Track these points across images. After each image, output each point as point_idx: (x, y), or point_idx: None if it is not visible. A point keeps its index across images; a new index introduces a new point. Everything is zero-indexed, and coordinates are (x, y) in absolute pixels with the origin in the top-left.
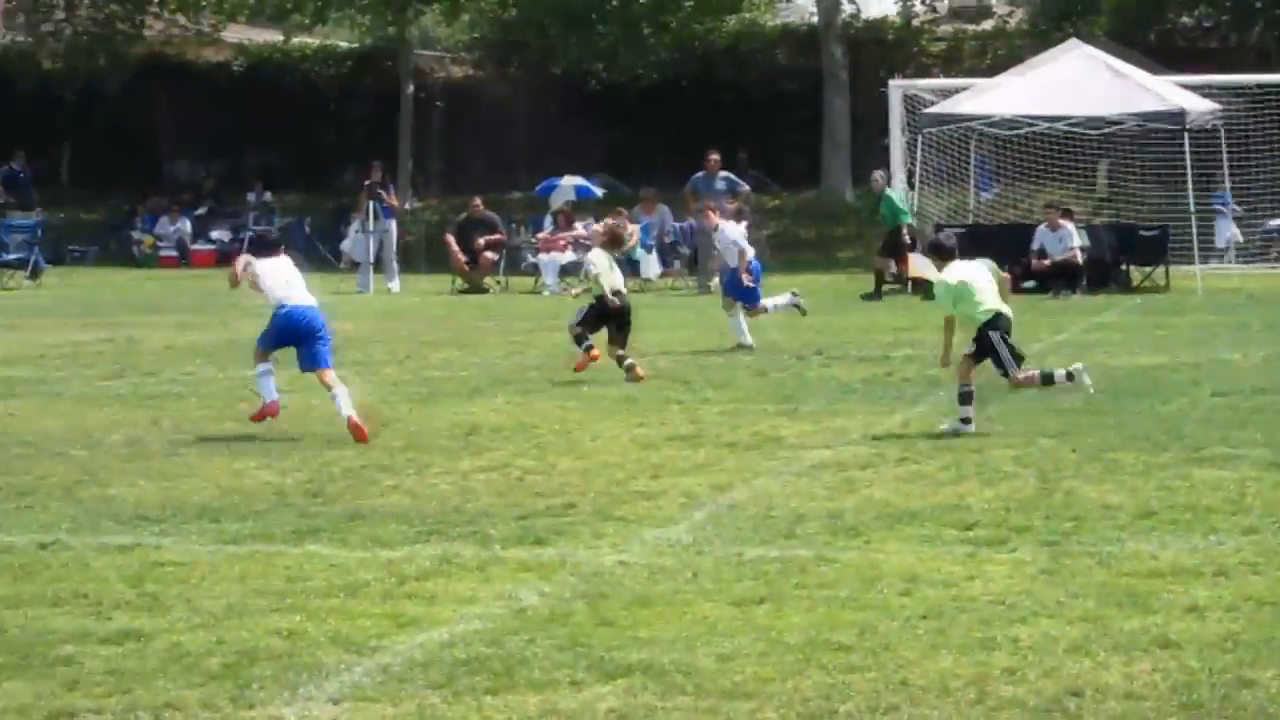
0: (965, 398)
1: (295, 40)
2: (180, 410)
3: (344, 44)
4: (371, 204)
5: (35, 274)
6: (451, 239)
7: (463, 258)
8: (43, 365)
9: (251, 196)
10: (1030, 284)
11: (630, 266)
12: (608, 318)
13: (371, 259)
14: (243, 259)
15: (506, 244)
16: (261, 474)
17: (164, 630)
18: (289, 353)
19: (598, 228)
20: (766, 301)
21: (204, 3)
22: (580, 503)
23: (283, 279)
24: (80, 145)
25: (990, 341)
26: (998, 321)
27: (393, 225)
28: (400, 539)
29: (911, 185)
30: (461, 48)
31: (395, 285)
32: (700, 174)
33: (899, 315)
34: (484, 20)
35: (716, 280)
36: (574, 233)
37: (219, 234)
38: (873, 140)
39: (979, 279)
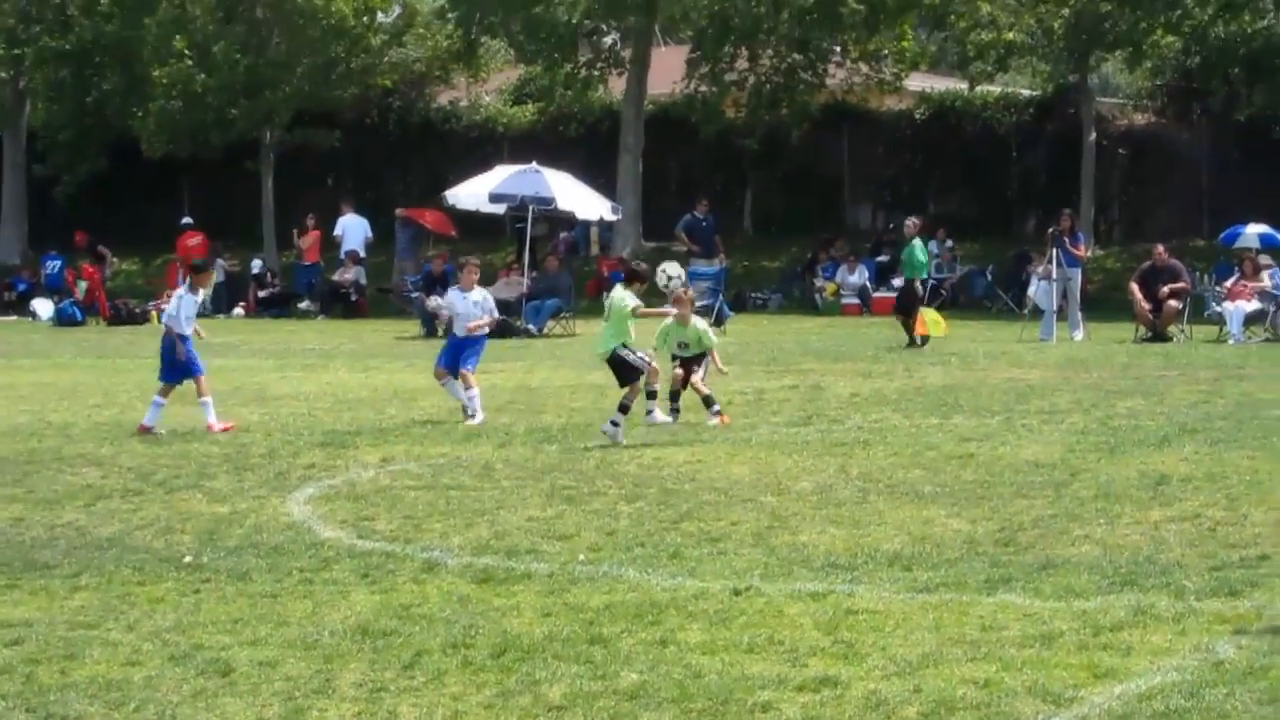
0: None
1: (977, 88)
2: (868, 458)
3: (1025, 91)
4: (1055, 251)
5: (720, 321)
6: (1135, 287)
7: (1146, 305)
8: (729, 412)
9: (933, 244)
10: None
11: None
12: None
13: (1055, 307)
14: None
15: (1191, 292)
16: (951, 522)
17: (860, 678)
18: None
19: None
20: None
21: (886, 52)
22: (1274, 554)
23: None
24: (762, 192)
25: None
26: None
27: (1077, 273)
28: (1093, 589)
29: None
30: (1143, 95)
31: (1079, 334)
32: None
33: None
34: (1166, 67)
35: None
36: (1259, 283)
37: (900, 282)
38: None
39: None
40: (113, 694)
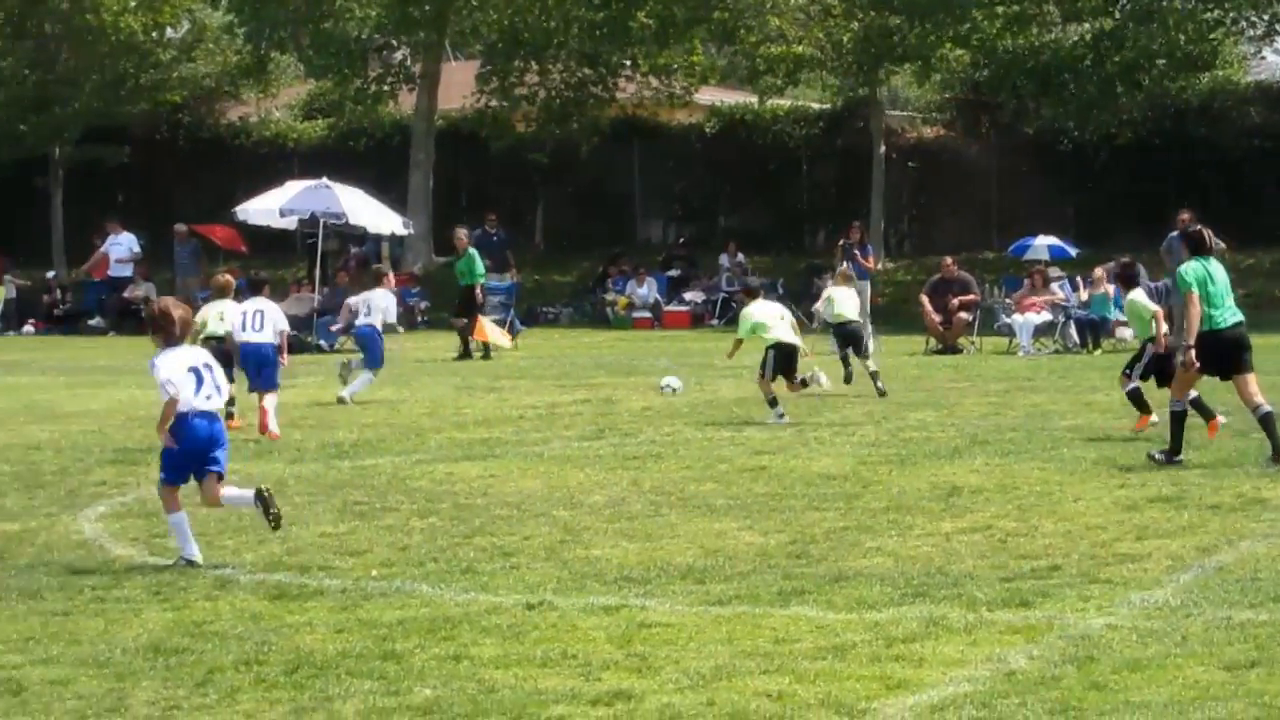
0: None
1: (768, 101)
2: (660, 471)
3: (815, 105)
4: (846, 264)
5: (512, 335)
6: (925, 299)
7: (936, 317)
8: (521, 426)
9: (724, 258)
10: None
11: (1105, 327)
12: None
13: None
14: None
15: (980, 304)
16: (744, 535)
17: (653, 691)
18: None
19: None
20: None
21: (676, 66)
22: (1065, 565)
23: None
24: (553, 207)
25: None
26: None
27: (866, 286)
28: (885, 600)
29: None
30: (933, 108)
31: (873, 346)
32: (1174, 234)
33: None
34: (955, 80)
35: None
36: (1049, 295)
37: (692, 296)
38: None
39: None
40: None
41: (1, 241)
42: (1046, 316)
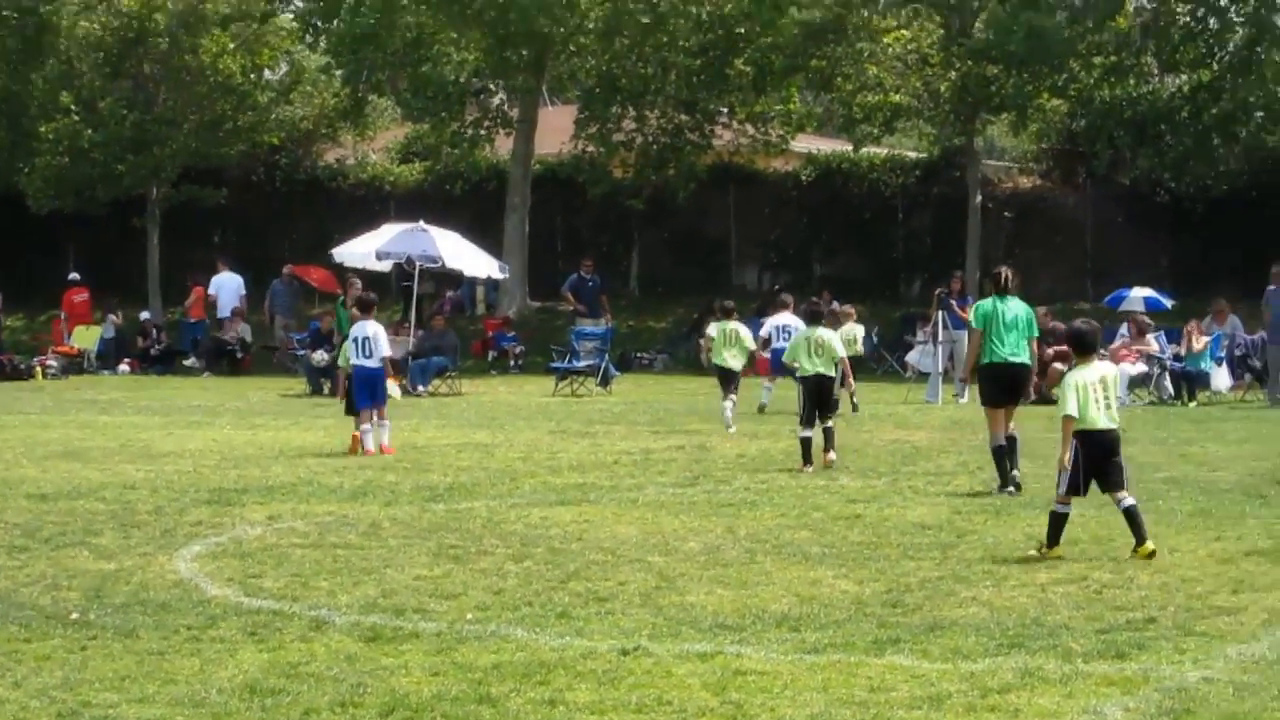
0: None
1: (863, 150)
2: (754, 518)
3: (911, 153)
4: (941, 314)
5: (606, 381)
6: None
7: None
8: (616, 472)
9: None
10: None
11: (1200, 379)
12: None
13: (941, 369)
14: None
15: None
16: (839, 583)
17: None
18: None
19: None
20: None
21: (773, 113)
22: (1161, 617)
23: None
24: (648, 253)
25: None
26: None
27: (963, 336)
28: (981, 651)
29: None
30: (1029, 157)
31: (965, 397)
32: (1272, 287)
33: None
34: (1052, 130)
35: None
36: (1144, 346)
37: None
38: None
39: None
40: None
41: (99, 281)
42: (1142, 368)
